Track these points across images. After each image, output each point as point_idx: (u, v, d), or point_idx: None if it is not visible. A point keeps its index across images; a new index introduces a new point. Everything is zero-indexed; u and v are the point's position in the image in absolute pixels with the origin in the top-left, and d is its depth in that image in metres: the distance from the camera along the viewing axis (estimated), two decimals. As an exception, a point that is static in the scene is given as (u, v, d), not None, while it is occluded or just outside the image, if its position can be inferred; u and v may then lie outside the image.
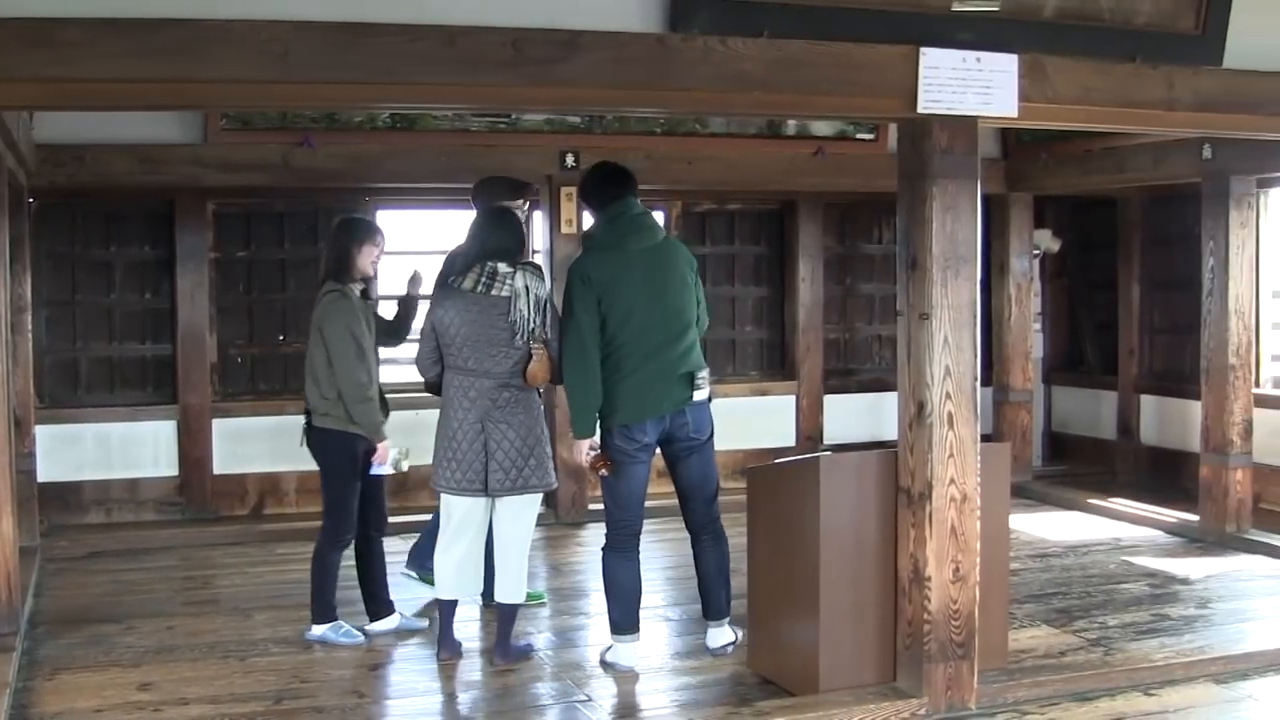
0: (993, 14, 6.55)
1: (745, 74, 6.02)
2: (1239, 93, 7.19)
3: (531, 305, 7.09)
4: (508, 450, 7.12)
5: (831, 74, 6.18)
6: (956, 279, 6.40)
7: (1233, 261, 10.44)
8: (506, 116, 10.71)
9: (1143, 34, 6.99)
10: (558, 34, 5.75)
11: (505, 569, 7.31)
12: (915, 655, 6.58)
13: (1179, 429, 12.37)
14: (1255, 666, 7.44)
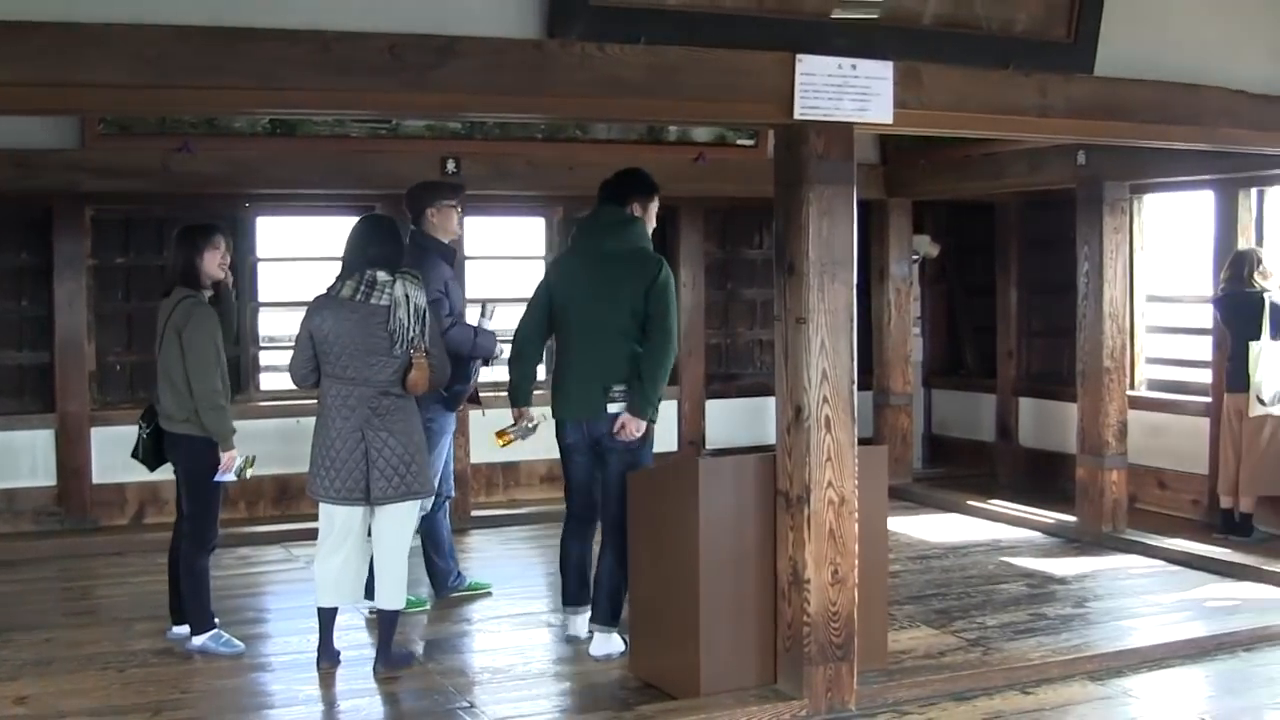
0: (871, 21, 6.60)
1: (623, 80, 6.03)
2: (1109, 100, 7.30)
3: (411, 314, 7.07)
4: (389, 458, 7.10)
5: (709, 80, 6.20)
6: (833, 284, 6.45)
7: (1107, 266, 10.61)
8: (387, 122, 10.63)
9: (1017, 42, 7.07)
10: (435, 40, 5.73)
11: (385, 575, 7.29)
12: (795, 657, 6.62)
13: (1057, 431, 12.54)
14: (1130, 664, 7.58)
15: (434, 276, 8.22)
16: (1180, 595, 9.13)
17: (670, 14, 6.19)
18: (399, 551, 7.30)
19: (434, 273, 8.25)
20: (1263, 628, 8.20)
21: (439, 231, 8.56)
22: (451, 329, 8.24)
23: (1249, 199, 11.18)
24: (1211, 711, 6.92)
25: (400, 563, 7.30)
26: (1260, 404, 10.24)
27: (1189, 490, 11.45)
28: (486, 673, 7.49)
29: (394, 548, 7.28)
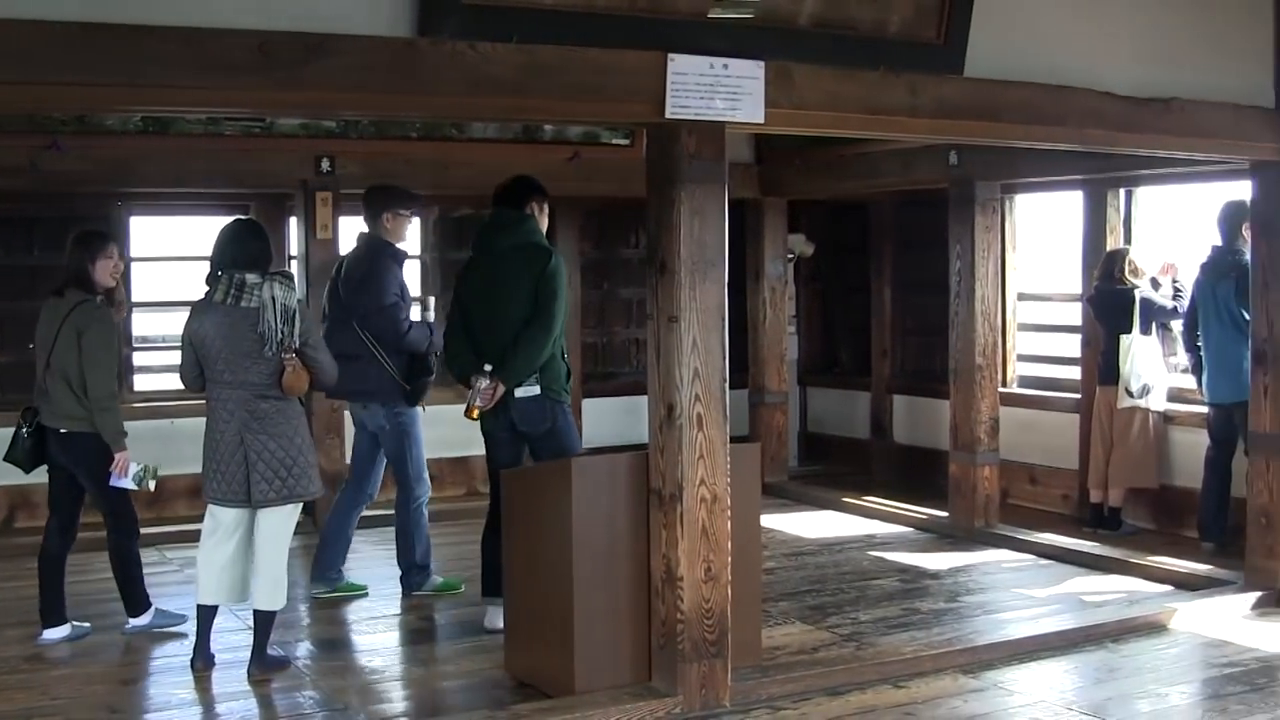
0: (745, 21, 6.61)
1: (495, 79, 6.01)
2: (979, 101, 7.37)
3: (279, 315, 7.04)
4: (269, 461, 7.06)
5: (581, 79, 6.20)
6: (704, 282, 6.47)
7: (979, 265, 10.74)
8: (261, 120, 10.52)
9: (890, 43, 7.10)
10: (305, 37, 5.67)
11: (263, 577, 7.24)
12: (670, 655, 6.64)
13: (930, 428, 12.68)
14: (1001, 656, 7.68)
15: (389, 280, 8.55)
16: (1051, 589, 9.26)
17: (543, 13, 6.16)
18: (277, 553, 7.25)
19: (388, 276, 8.56)
20: (1130, 619, 8.34)
21: (391, 236, 8.73)
22: (411, 330, 8.54)
23: (1117, 199, 11.39)
24: (1080, 701, 7.01)
25: (278, 564, 7.25)
26: (1129, 396, 10.45)
27: (1060, 485, 11.64)
28: (362, 674, 7.47)
29: (272, 550, 7.24)
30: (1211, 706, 6.99)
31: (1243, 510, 9.11)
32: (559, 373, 7.86)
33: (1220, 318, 9.80)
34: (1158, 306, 10.47)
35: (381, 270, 8.53)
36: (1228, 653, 7.82)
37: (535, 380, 7.76)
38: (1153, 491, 10.79)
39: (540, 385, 7.79)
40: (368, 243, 8.72)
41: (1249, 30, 8.57)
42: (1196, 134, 8.24)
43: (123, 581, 7.95)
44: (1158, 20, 8.14)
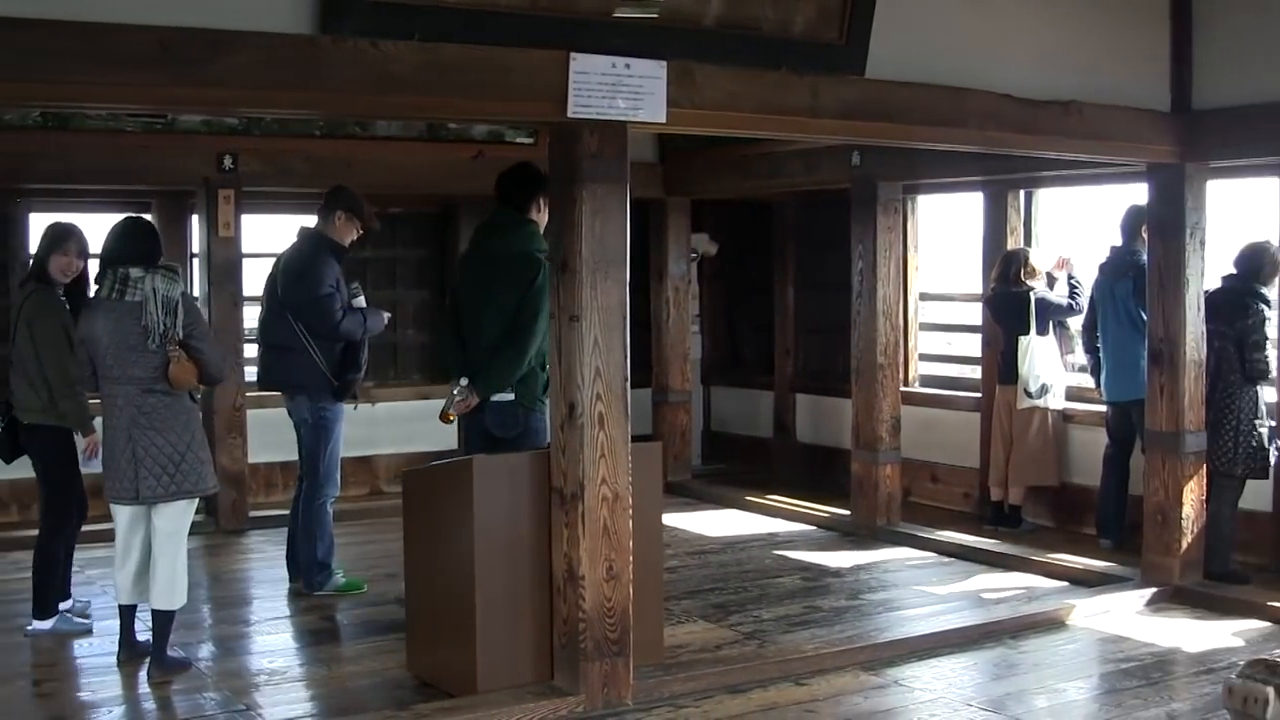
0: (648, 21, 6.61)
1: (397, 76, 5.99)
2: (879, 101, 7.42)
3: (161, 307, 7.01)
4: (156, 456, 7.01)
5: (483, 77, 6.18)
6: (606, 281, 6.48)
7: (880, 265, 10.81)
8: (162, 117, 10.42)
9: (792, 43, 7.12)
10: (206, 34, 5.62)
11: (160, 575, 7.18)
12: (572, 653, 6.64)
13: (833, 426, 12.73)
14: (901, 653, 7.74)
15: (325, 272, 8.57)
16: (951, 586, 9.34)
17: (445, 11, 6.13)
18: (172, 551, 7.19)
19: (324, 269, 8.58)
20: (1029, 615, 8.45)
21: (336, 234, 8.76)
22: (343, 319, 8.56)
23: (1017, 200, 11.50)
24: (979, 698, 7.07)
25: (174, 563, 7.20)
26: (1028, 396, 10.56)
27: (961, 484, 11.74)
28: (264, 675, 7.40)
29: (167, 547, 7.18)
30: (1107, 701, 7.08)
31: (1140, 508, 9.24)
32: (535, 381, 7.69)
33: (1119, 318, 9.90)
34: (1054, 306, 10.59)
35: (318, 262, 8.58)
36: (1124, 648, 7.92)
37: (511, 386, 7.70)
38: (1052, 489, 10.91)
39: (515, 391, 7.70)
40: (308, 237, 8.80)
41: (1146, 35, 8.69)
42: (1094, 136, 8.35)
43: (35, 583, 7.91)
44: (1057, 24, 8.23)
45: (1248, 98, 8.51)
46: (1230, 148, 8.68)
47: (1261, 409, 9.04)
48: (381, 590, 8.70)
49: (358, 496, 11.92)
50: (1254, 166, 9.45)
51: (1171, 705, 6.90)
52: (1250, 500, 9.28)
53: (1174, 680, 7.37)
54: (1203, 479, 8.94)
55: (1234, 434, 8.97)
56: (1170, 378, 8.83)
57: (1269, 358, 9.07)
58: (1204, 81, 8.74)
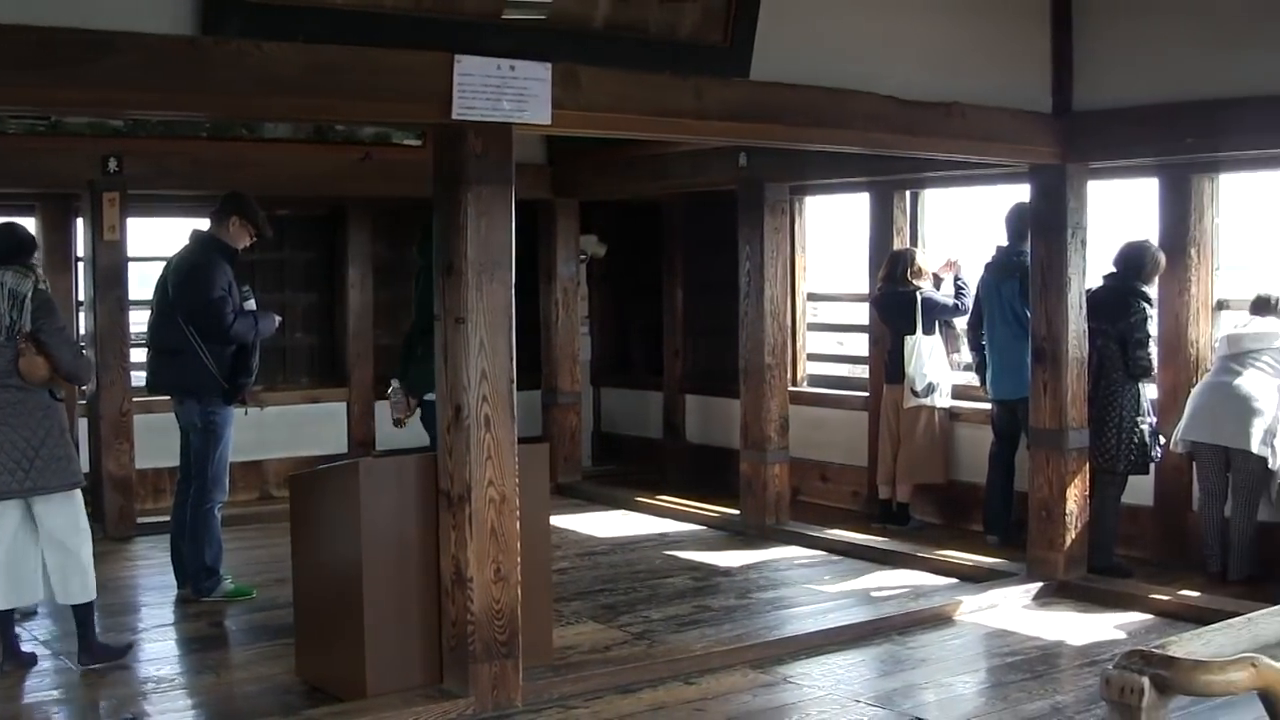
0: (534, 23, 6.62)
1: (280, 78, 5.94)
2: (764, 103, 7.45)
3: (6, 300, 7.02)
4: (9, 451, 6.98)
5: (367, 79, 6.15)
6: (492, 283, 6.46)
7: (768, 265, 10.87)
8: (46, 119, 10.27)
9: (678, 46, 7.13)
10: (87, 34, 5.54)
11: (64, 571, 7.16)
12: (461, 656, 6.62)
13: (722, 427, 12.76)
14: (790, 651, 7.78)
15: (217, 276, 8.52)
16: (840, 584, 9.40)
17: (330, 12, 6.09)
18: (68, 546, 7.17)
19: (216, 272, 8.53)
20: (916, 611, 8.52)
21: (229, 239, 8.72)
22: (235, 322, 8.48)
23: (903, 200, 11.59)
24: (867, 694, 7.11)
25: (73, 556, 7.18)
26: (914, 395, 10.66)
27: (849, 482, 11.82)
28: (151, 683, 7.31)
29: (62, 543, 7.16)
30: (994, 694, 7.17)
31: (1026, 504, 9.34)
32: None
33: (1005, 317, 10.01)
34: (940, 306, 10.70)
35: (210, 265, 8.54)
36: (1010, 642, 8.01)
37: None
38: (939, 487, 11.01)
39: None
40: (200, 240, 8.75)
41: (1028, 38, 8.80)
42: (977, 138, 8.43)
43: None
44: (941, 27, 8.31)
45: (1127, 100, 8.64)
46: (1110, 149, 8.82)
47: (1144, 406, 9.19)
48: (271, 595, 8.63)
49: (247, 501, 11.83)
50: (1133, 167, 9.59)
51: (1056, 698, 6.99)
52: (1133, 495, 9.43)
53: (1059, 673, 7.47)
54: (1086, 475, 9.06)
55: (1117, 431, 9.11)
56: (1053, 375, 8.94)
57: (1151, 355, 9.22)
58: (1084, 84, 8.85)
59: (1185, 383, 9.49)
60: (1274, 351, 8.91)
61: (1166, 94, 8.43)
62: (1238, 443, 8.83)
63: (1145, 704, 3.50)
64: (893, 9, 8.11)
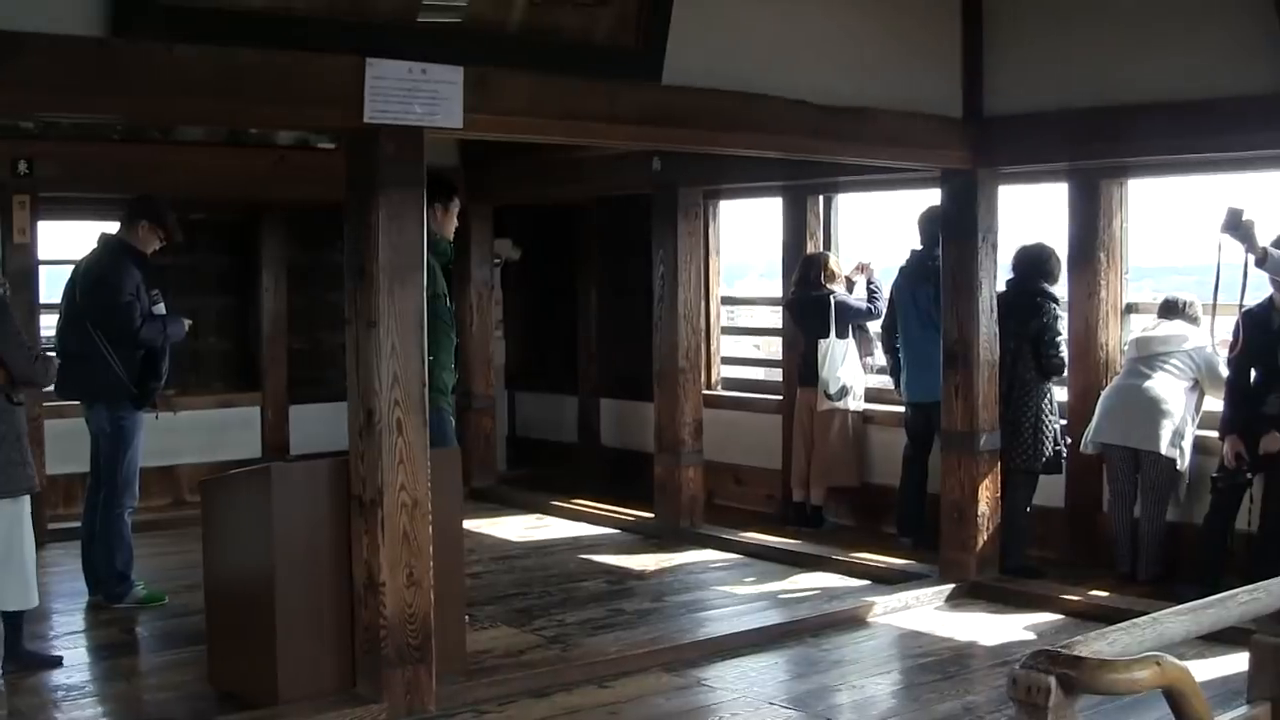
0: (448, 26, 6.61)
1: (191, 81, 5.90)
2: (676, 108, 7.46)
3: None
4: None
5: (279, 83, 6.12)
6: (403, 287, 6.43)
7: (681, 269, 10.89)
8: (-46, 121, 10.21)
9: (592, 50, 7.14)
10: (-3, 35, 5.53)
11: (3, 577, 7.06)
12: (373, 661, 6.58)
13: (637, 430, 12.76)
14: (704, 654, 7.80)
15: (125, 280, 8.48)
16: (754, 586, 9.44)
17: (241, 15, 6.05)
18: (11, 552, 7.07)
19: (125, 276, 8.49)
20: (830, 613, 8.56)
21: (139, 243, 8.67)
22: (143, 327, 8.45)
23: (817, 205, 11.64)
24: (781, 696, 7.15)
25: (15, 562, 7.09)
26: (828, 398, 10.71)
27: (763, 485, 11.84)
28: (61, 691, 7.24)
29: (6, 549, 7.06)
30: (906, 695, 7.24)
31: (939, 506, 9.40)
32: (434, 379, 7.67)
33: (920, 320, 10.05)
34: (853, 309, 10.76)
35: (118, 270, 8.50)
36: (923, 643, 8.08)
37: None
38: (853, 489, 11.07)
39: None
40: (108, 244, 8.69)
41: (940, 43, 8.88)
42: (889, 143, 8.50)
43: None
44: (854, 32, 8.37)
45: (1036, 105, 8.73)
46: (1019, 154, 8.92)
47: (1055, 406, 9.29)
48: (183, 602, 8.56)
49: (160, 507, 11.70)
50: (1043, 172, 9.68)
51: (968, 698, 7.05)
52: (1044, 497, 9.52)
53: (970, 674, 7.54)
54: (997, 476, 9.14)
55: (1033, 430, 9.21)
56: (965, 378, 9.02)
57: (1064, 354, 9.32)
58: (995, 90, 8.94)
59: (1095, 385, 9.56)
60: (1182, 354, 9.01)
61: (1075, 100, 8.53)
62: (1147, 444, 8.92)
63: (1052, 703, 3.53)
64: (807, 15, 8.16)
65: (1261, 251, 8.03)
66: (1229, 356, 8.76)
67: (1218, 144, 8.15)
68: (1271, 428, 8.49)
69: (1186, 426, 8.96)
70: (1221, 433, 8.78)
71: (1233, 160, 8.79)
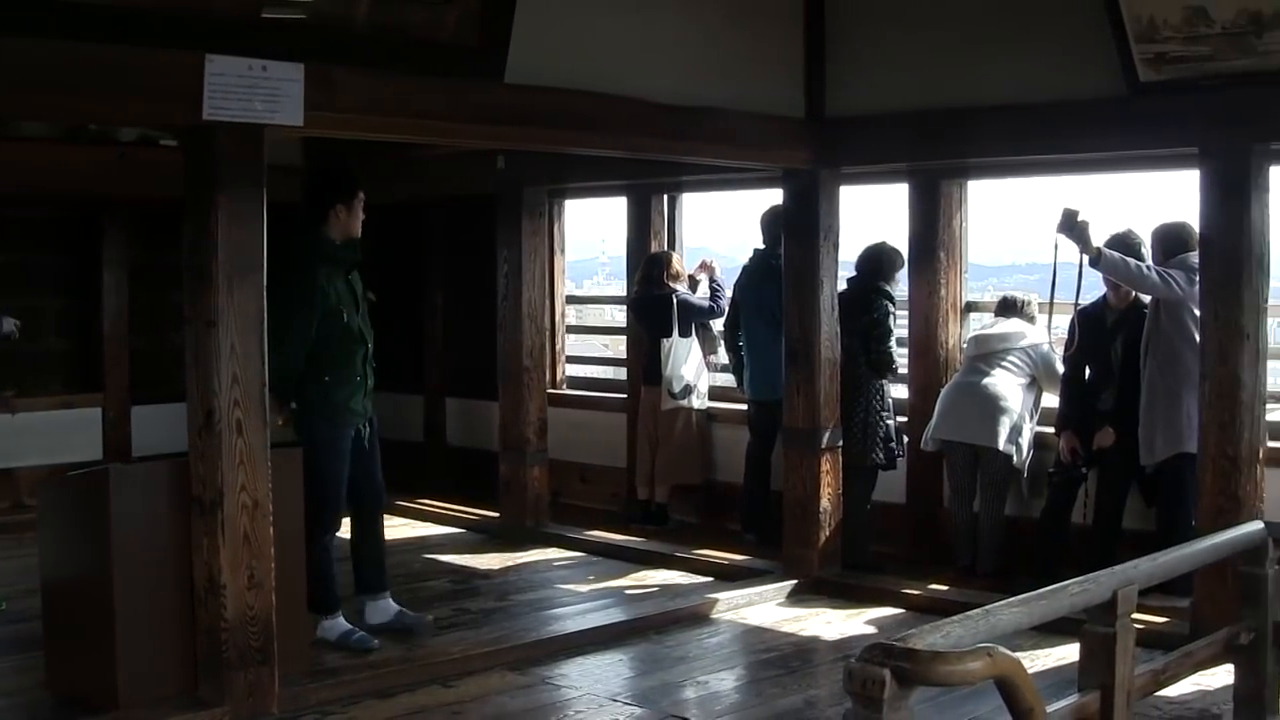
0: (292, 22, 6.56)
1: (25, 74, 5.78)
2: (519, 107, 7.48)
3: None
4: None
5: (117, 78, 6.02)
6: (243, 287, 6.37)
7: (526, 268, 10.90)
8: None
9: (437, 48, 7.14)
10: None
11: None
12: (215, 664, 6.51)
13: (482, 430, 12.69)
14: (549, 652, 7.84)
15: None
16: (600, 584, 9.50)
17: (81, 7, 5.94)
18: None
19: None
20: (674, 610, 8.63)
21: None
22: None
23: (661, 204, 11.69)
24: (625, 692, 7.21)
25: None
26: (672, 397, 10.76)
27: (609, 483, 11.86)
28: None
29: None
30: (750, 690, 7.32)
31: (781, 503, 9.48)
32: (311, 389, 7.71)
33: (763, 319, 10.12)
34: (696, 308, 10.82)
35: None
36: (766, 639, 8.17)
37: (289, 393, 7.66)
38: (697, 487, 11.13)
39: (296, 400, 7.70)
40: None
41: (783, 44, 8.97)
42: (732, 142, 8.57)
43: None
44: (699, 32, 8.43)
45: (877, 107, 8.87)
46: (860, 154, 9.06)
47: (888, 402, 9.41)
48: (21, 607, 8.41)
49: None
50: (884, 172, 9.82)
51: (810, 692, 7.16)
52: (886, 493, 9.64)
53: (813, 668, 7.64)
54: (839, 473, 9.25)
55: (863, 426, 9.32)
56: (806, 376, 9.11)
57: (893, 350, 9.44)
58: (836, 91, 9.06)
59: (935, 383, 9.70)
60: (1019, 351, 9.18)
61: (916, 102, 8.67)
62: (985, 441, 9.06)
63: (887, 695, 3.59)
64: (651, 15, 8.20)
65: (1096, 251, 8.19)
66: (1064, 354, 8.94)
67: (1053, 146, 8.33)
68: (1105, 423, 8.69)
69: (1024, 423, 9.12)
70: (1058, 429, 8.98)
71: (1069, 162, 8.99)
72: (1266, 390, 7.73)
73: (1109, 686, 4.73)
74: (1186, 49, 7.42)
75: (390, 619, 8.05)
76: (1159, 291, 8.30)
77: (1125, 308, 8.84)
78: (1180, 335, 8.28)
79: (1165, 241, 8.55)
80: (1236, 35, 7.22)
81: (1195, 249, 7.96)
